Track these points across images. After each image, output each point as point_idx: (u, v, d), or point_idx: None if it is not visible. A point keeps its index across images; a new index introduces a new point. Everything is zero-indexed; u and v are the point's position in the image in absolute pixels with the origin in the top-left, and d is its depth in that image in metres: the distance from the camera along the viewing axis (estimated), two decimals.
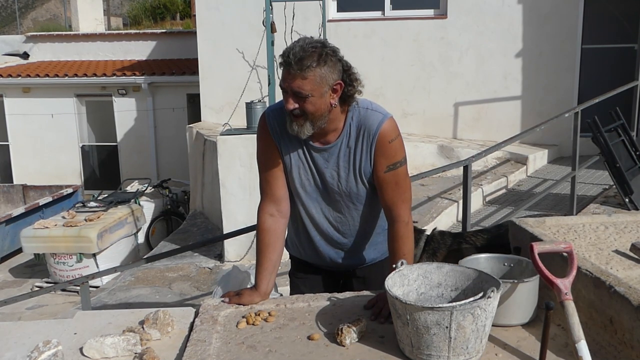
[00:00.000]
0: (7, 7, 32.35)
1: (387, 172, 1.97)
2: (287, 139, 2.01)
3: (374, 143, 1.94)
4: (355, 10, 8.68)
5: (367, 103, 1.99)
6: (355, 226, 2.10)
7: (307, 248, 2.19)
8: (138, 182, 10.89)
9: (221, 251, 6.60)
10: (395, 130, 1.96)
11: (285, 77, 1.84)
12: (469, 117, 8.44)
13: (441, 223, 5.97)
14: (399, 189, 1.99)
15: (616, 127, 5.77)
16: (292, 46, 1.82)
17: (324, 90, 1.84)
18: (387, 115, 1.96)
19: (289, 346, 1.65)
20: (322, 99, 1.85)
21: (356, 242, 2.14)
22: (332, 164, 2.00)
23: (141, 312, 1.92)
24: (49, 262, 8.40)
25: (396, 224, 2.00)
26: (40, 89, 12.86)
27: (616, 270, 1.84)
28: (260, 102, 6.29)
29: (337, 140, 1.98)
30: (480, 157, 4.67)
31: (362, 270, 2.21)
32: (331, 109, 1.90)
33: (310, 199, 2.07)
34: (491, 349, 1.60)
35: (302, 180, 2.04)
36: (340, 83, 1.87)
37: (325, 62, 1.82)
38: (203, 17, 9.09)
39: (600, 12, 7.98)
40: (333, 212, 2.08)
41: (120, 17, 25.96)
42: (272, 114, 2.06)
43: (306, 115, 1.86)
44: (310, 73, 1.80)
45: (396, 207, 2.00)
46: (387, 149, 1.95)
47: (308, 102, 1.83)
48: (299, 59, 1.78)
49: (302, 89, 1.81)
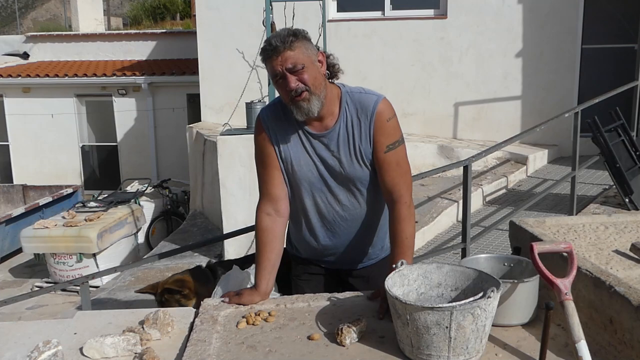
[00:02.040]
0: (7, 7, 32.35)
1: (387, 152, 1.99)
2: (284, 132, 2.03)
3: (372, 123, 1.97)
4: (355, 10, 8.68)
5: (359, 88, 2.05)
6: (362, 215, 2.10)
7: (311, 244, 2.18)
8: (138, 182, 10.89)
9: (221, 251, 6.61)
10: (391, 110, 2.01)
11: (275, 62, 1.90)
12: (468, 117, 8.44)
13: (441, 223, 5.98)
14: (400, 169, 2.02)
15: (616, 127, 5.77)
16: (268, 38, 1.94)
17: (313, 59, 1.93)
18: (381, 96, 2.01)
19: (289, 346, 1.65)
20: (315, 67, 1.93)
21: (362, 233, 2.13)
22: (332, 149, 2.01)
23: (141, 312, 1.92)
24: (49, 262, 8.40)
25: (397, 205, 2.00)
26: (40, 89, 12.86)
27: (616, 270, 1.84)
28: (260, 102, 6.30)
29: (335, 124, 2.00)
30: (480, 157, 4.67)
31: (366, 269, 2.20)
32: (326, 80, 1.97)
33: (315, 189, 2.07)
34: (491, 349, 1.59)
35: (305, 170, 2.04)
36: (322, 53, 1.99)
37: (303, 37, 1.93)
38: (203, 17, 9.09)
39: (600, 12, 7.97)
40: (339, 200, 2.08)
41: (120, 17, 25.97)
42: (266, 111, 2.10)
43: (309, 89, 1.90)
44: (295, 44, 1.88)
45: (398, 188, 2.01)
46: (385, 128, 1.98)
47: (305, 73, 1.89)
48: (281, 39, 1.88)
49: (296, 62, 1.88)
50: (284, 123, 2.03)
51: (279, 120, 2.04)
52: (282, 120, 2.04)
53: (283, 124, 2.03)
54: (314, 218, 2.12)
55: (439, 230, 5.89)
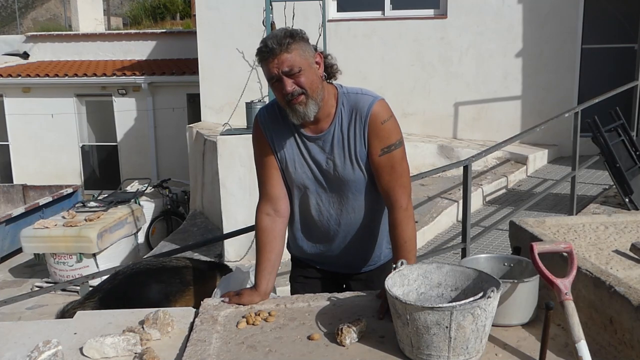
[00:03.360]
0: (7, 7, 32.35)
1: (381, 156, 1.95)
2: (281, 134, 2.02)
3: (366, 125, 1.93)
4: (355, 10, 8.68)
5: (357, 89, 2.01)
6: (358, 220, 2.07)
7: (306, 247, 2.18)
8: (138, 182, 10.89)
9: (221, 251, 6.61)
10: (388, 112, 1.95)
11: (271, 65, 1.85)
12: (468, 117, 8.45)
13: (441, 223, 5.98)
14: (394, 173, 1.96)
15: (616, 127, 5.77)
16: (264, 39, 1.88)
17: (310, 62, 1.88)
18: (378, 97, 1.96)
19: (289, 346, 1.65)
20: (312, 70, 1.88)
21: (359, 238, 2.11)
22: (327, 151, 1.99)
23: (141, 312, 1.92)
24: (49, 262, 8.40)
25: (393, 209, 1.98)
26: (40, 89, 12.86)
27: (616, 270, 1.84)
28: (260, 102, 6.30)
29: (330, 126, 1.97)
30: (480, 157, 4.67)
31: (365, 274, 2.18)
32: (323, 82, 1.93)
33: (310, 192, 2.05)
34: (491, 349, 1.59)
35: (300, 173, 2.02)
36: (319, 54, 1.93)
37: (300, 38, 1.87)
38: (203, 17, 9.09)
39: (600, 12, 7.98)
40: (334, 204, 2.06)
41: (120, 17, 25.96)
42: (263, 112, 2.08)
43: (306, 92, 1.87)
44: (292, 47, 1.83)
45: (393, 193, 1.97)
46: (379, 131, 1.93)
47: (302, 76, 1.85)
48: (277, 41, 1.83)
49: (293, 65, 1.83)
50: (280, 125, 2.02)
51: (276, 121, 2.02)
52: (278, 122, 2.02)
53: (279, 126, 2.02)
54: (309, 221, 2.11)
55: (439, 230, 5.89)
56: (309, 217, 2.10)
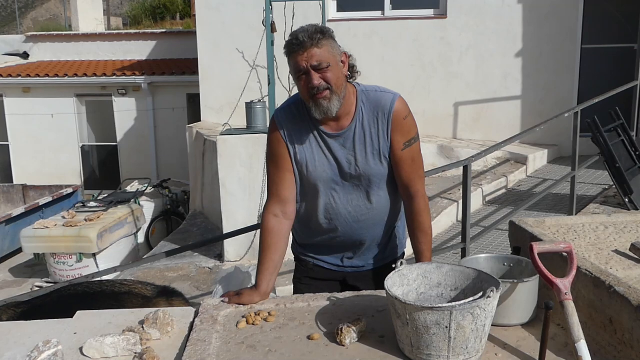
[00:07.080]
0: (7, 7, 32.36)
1: (404, 149, 2.03)
2: (299, 132, 2.03)
3: (390, 121, 2.00)
4: (355, 10, 8.69)
5: (374, 87, 2.07)
6: (375, 217, 2.10)
7: (322, 245, 2.18)
8: (138, 182, 10.89)
9: (221, 251, 6.61)
10: (407, 108, 2.05)
11: (300, 57, 1.89)
12: (468, 117, 8.45)
13: (441, 223, 5.98)
14: (415, 165, 2.06)
15: (616, 127, 5.77)
16: (295, 32, 1.92)
17: (338, 59, 1.94)
18: (397, 94, 2.04)
19: (289, 346, 1.65)
20: (338, 67, 1.94)
21: (375, 235, 2.14)
22: (348, 147, 2.02)
23: (141, 312, 1.92)
24: (49, 262, 8.39)
25: (415, 199, 2.07)
26: (40, 89, 12.85)
27: (616, 270, 1.84)
28: (260, 102, 6.29)
29: (351, 124, 2.01)
30: (480, 157, 4.67)
31: (373, 271, 2.19)
32: (347, 81, 1.99)
33: (329, 190, 2.07)
34: (491, 349, 1.60)
35: (320, 171, 2.04)
36: (345, 53, 1.99)
37: (329, 35, 1.94)
38: (203, 17, 9.09)
39: (600, 12, 7.98)
40: (353, 201, 2.08)
41: (120, 17, 25.97)
42: (281, 112, 2.09)
43: (331, 88, 1.91)
44: (322, 42, 1.89)
45: (414, 183, 2.06)
46: (402, 126, 2.02)
47: (329, 72, 1.90)
48: (308, 35, 1.88)
49: (321, 59, 1.89)
50: (299, 123, 2.04)
51: (294, 121, 2.04)
52: (297, 121, 2.04)
53: (298, 125, 2.03)
54: (327, 218, 2.11)
55: (439, 230, 5.89)
56: (327, 214, 2.10)
